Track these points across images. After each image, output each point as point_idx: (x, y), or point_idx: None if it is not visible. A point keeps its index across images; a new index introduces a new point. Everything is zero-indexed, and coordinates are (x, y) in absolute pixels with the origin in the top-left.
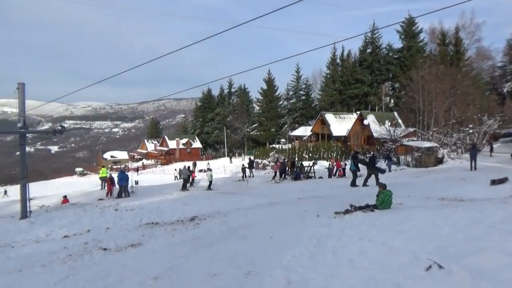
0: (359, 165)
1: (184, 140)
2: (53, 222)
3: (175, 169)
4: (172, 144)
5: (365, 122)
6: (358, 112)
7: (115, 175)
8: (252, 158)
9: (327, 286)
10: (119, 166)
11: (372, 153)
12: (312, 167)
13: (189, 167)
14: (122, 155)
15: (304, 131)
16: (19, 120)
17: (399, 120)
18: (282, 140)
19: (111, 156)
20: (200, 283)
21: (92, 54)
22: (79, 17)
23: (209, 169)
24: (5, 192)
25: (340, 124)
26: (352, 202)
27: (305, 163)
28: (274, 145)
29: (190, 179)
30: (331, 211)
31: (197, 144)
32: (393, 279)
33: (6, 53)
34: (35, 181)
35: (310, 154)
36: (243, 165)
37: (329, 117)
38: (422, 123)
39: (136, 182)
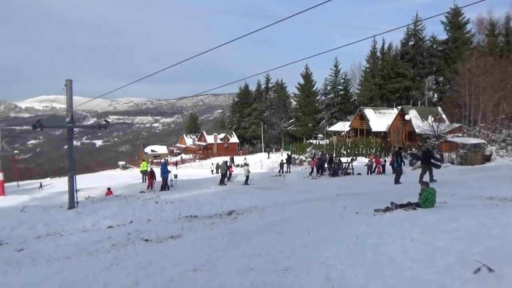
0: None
1: (222, 135)
2: (98, 213)
3: (212, 163)
4: (210, 139)
5: (407, 117)
6: (399, 107)
7: (155, 169)
8: (289, 153)
9: (368, 285)
10: (159, 160)
11: (426, 147)
12: (351, 163)
13: (226, 161)
14: (162, 149)
15: (342, 126)
16: (67, 115)
17: (443, 116)
18: (320, 135)
19: (152, 150)
20: (238, 277)
21: (134, 52)
22: (122, 16)
23: (246, 164)
24: (41, 185)
25: (380, 120)
26: (392, 200)
27: (343, 159)
28: (311, 141)
29: (228, 173)
30: (370, 208)
31: (234, 139)
32: (438, 281)
33: (56, 52)
34: (81, 174)
35: (348, 150)
36: (281, 160)
37: (368, 112)
38: (468, 118)
39: (175, 176)
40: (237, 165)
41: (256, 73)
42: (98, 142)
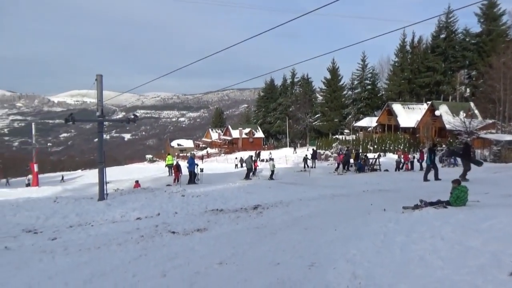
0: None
1: (247, 130)
2: (127, 205)
3: (236, 158)
4: (235, 133)
5: (437, 113)
6: (429, 102)
7: (181, 163)
8: (314, 148)
9: (396, 284)
10: (186, 154)
11: (466, 143)
12: (378, 159)
13: (252, 156)
14: (188, 143)
15: (369, 121)
16: (97, 109)
17: (476, 111)
18: (346, 130)
19: (178, 144)
20: (264, 271)
21: (161, 47)
22: (150, 11)
23: (271, 159)
24: (62, 178)
25: (409, 115)
26: (422, 197)
27: (370, 155)
28: (337, 136)
29: (253, 168)
30: (398, 205)
31: (259, 133)
32: (471, 282)
33: (87, 47)
34: (110, 166)
35: (376, 146)
36: (305, 155)
37: (397, 107)
38: (502, 114)
39: (201, 170)
40: (262, 160)
41: (282, 67)
42: (127, 136)
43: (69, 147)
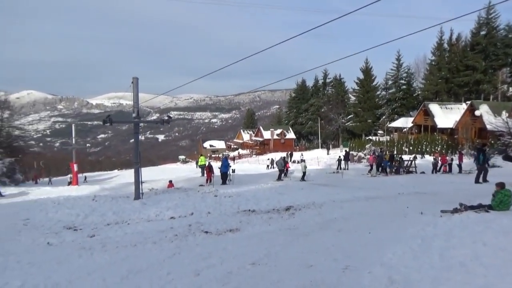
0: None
1: (278, 131)
2: (161, 204)
3: (268, 159)
4: (266, 134)
5: (477, 113)
6: (468, 102)
7: (213, 163)
8: (347, 150)
9: None
10: (217, 155)
11: None
12: (413, 161)
13: (283, 157)
14: (220, 144)
15: (404, 122)
16: (133, 111)
17: None
18: (380, 131)
19: (210, 145)
20: (296, 272)
21: (194, 50)
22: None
23: (303, 160)
24: (85, 178)
25: (446, 115)
26: (461, 201)
27: (405, 157)
28: (370, 137)
29: (284, 169)
30: (436, 209)
31: (291, 135)
32: None
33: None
34: (145, 166)
35: (411, 147)
36: (339, 157)
37: (434, 107)
38: None
39: (233, 171)
40: (294, 161)
41: (314, 67)
42: (161, 137)
43: (106, 148)
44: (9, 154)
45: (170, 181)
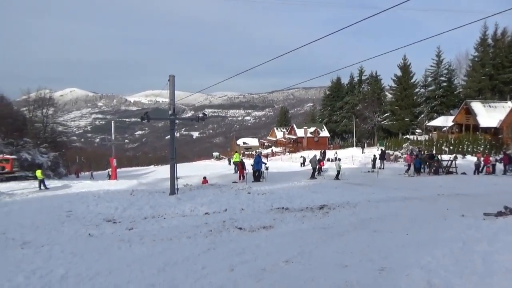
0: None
1: (312, 129)
2: (195, 200)
3: (301, 156)
4: (300, 132)
5: None
6: None
7: (246, 161)
8: (383, 149)
9: None
10: (251, 152)
11: None
12: (454, 161)
13: (317, 155)
14: (253, 141)
15: (444, 121)
16: (170, 108)
17: None
18: (418, 130)
19: (243, 143)
20: (331, 272)
21: (229, 48)
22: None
23: (338, 159)
24: (108, 173)
25: (490, 114)
26: (506, 204)
27: (445, 157)
28: (407, 136)
29: (318, 167)
30: (478, 211)
31: (324, 133)
32: None
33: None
34: (179, 163)
35: (451, 147)
36: (374, 155)
37: (476, 105)
38: None
39: (267, 168)
40: (328, 159)
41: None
42: (195, 134)
43: (143, 144)
44: (53, 148)
45: (205, 178)
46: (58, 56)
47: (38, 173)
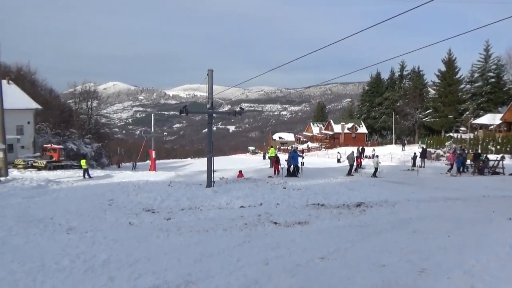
0: None
1: (350, 125)
2: (231, 193)
3: (338, 152)
4: (337, 128)
5: None
6: None
7: (280, 156)
8: (424, 146)
9: None
10: (286, 147)
11: None
12: (501, 162)
13: (354, 152)
14: (289, 137)
15: (491, 119)
16: (208, 102)
17: None
18: (462, 128)
19: (279, 137)
20: (368, 271)
21: (265, 42)
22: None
23: (376, 156)
24: (134, 165)
25: None
26: None
27: (491, 156)
28: (451, 134)
29: (355, 164)
30: None
31: (362, 129)
32: None
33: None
34: (216, 156)
35: (498, 147)
36: (414, 153)
37: None
38: None
39: (302, 164)
40: (365, 157)
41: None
42: (231, 128)
43: (180, 137)
44: (97, 139)
45: (240, 171)
46: (102, 51)
47: (83, 162)
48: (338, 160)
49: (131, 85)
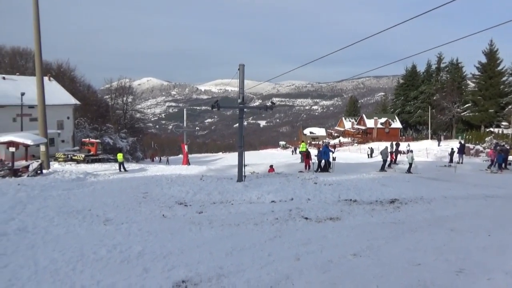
0: None
1: (383, 120)
2: (262, 188)
3: (369, 147)
4: (369, 123)
5: None
6: None
7: (311, 151)
8: (462, 142)
9: None
10: (317, 142)
11: None
12: None
13: (388, 147)
14: (320, 131)
15: None
16: (239, 97)
17: None
18: (504, 123)
19: (310, 132)
20: (402, 269)
21: (296, 36)
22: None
23: (410, 151)
24: (167, 160)
25: None
26: None
27: None
28: (491, 129)
29: (389, 160)
30: None
31: (396, 124)
32: None
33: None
34: (247, 151)
35: None
36: (452, 149)
37: None
38: None
39: (334, 159)
40: (400, 152)
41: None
42: (262, 123)
43: (212, 131)
44: (132, 134)
45: (271, 166)
46: (136, 48)
47: (120, 156)
48: (369, 155)
49: (164, 80)
